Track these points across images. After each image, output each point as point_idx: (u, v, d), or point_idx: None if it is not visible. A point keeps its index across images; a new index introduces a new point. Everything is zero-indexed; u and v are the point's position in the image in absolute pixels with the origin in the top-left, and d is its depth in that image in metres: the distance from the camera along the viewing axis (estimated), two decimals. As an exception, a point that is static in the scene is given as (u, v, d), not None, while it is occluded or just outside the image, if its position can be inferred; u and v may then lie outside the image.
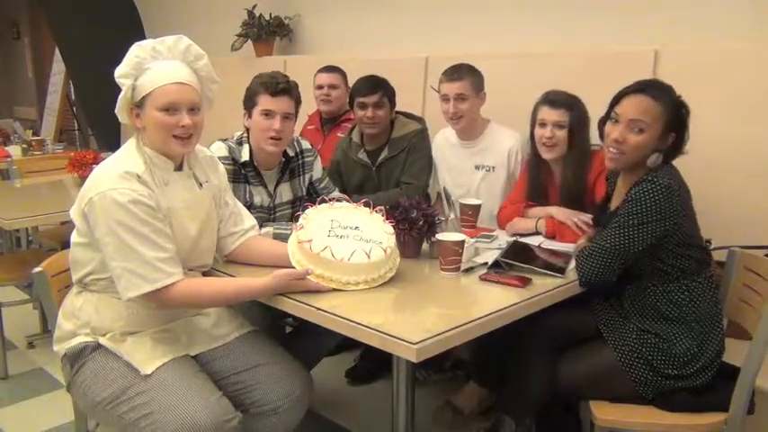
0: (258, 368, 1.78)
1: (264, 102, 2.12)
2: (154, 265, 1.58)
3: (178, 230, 1.69)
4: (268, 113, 2.11)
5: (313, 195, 2.34)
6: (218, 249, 1.89)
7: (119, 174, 1.60)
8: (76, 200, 1.67)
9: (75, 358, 1.69)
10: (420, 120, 2.80)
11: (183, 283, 1.63)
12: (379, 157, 2.71)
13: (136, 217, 1.57)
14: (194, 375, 1.66)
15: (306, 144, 2.37)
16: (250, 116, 2.16)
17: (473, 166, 2.60)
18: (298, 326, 2.37)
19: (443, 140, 2.73)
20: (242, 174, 2.19)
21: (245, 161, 2.19)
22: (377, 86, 2.64)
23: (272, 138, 2.12)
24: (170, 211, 1.68)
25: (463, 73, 2.50)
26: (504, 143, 2.54)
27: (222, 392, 1.66)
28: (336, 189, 2.47)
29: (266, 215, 2.23)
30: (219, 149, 2.14)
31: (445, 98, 2.52)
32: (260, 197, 2.24)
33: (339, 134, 3.19)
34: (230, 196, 1.94)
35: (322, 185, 2.40)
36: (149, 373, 1.61)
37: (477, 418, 2.37)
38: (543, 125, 2.22)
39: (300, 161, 2.34)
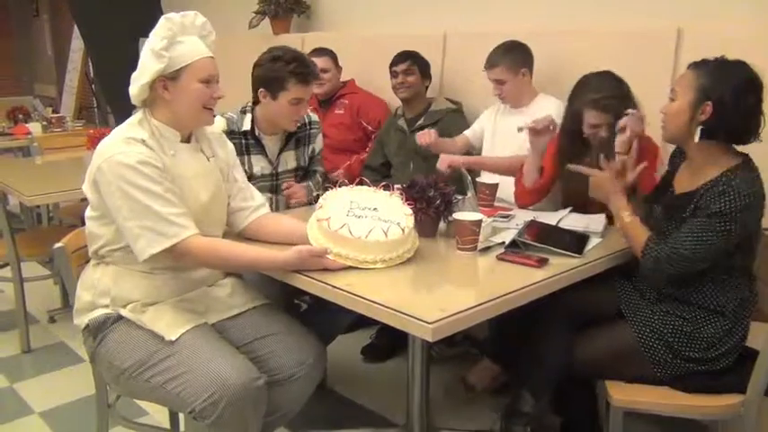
0: (271, 337, 1.80)
1: (297, 91, 2.22)
2: (170, 221, 1.61)
3: (189, 196, 1.72)
4: (299, 101, 2.22)
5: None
6: (231, 225, 1.92)
7: (122, 139, 1.64)
8: (86, 175, 1.70)
9: (98, 329, 1.72)
10: (457, 103, 3.02)
11: (201, 238, 1.66)
12: (415, 125, 2.98)
13: (146, 176, 1.60)
14: (217, 340, 1.70)
15: (314, 116, 2.50)
16: (274, 98, 2.21)
17: (516, 130, 2.62)
18: (313, 303, 2.39)
19: (494, 109, 2.78)
20: (242, 144, 2.26)
21: (246, 130, 2.26)
22: (406, 56, 2.98)
23: (296, 121, 2.27)
24: (180, 179, 1.70)
25: (496, 59, 2.61)
26: (546, 109, 2.52)
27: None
28: (321, 169, 2.59)
29: (269, 183, 2.27)
30: (219, 123, 2.17)
31: (490, 81, 2.65)
32: (259, 166, 2.32)
33: (336, 111, 3.34)
34: (239, 172, 1.96)
35: (314, 159, 2.53)
36: (174, 339, 1.64)
37: (491, 395, 2.38)
38: (596, 126, 2.13)
39: (307, 132, 2.45)
